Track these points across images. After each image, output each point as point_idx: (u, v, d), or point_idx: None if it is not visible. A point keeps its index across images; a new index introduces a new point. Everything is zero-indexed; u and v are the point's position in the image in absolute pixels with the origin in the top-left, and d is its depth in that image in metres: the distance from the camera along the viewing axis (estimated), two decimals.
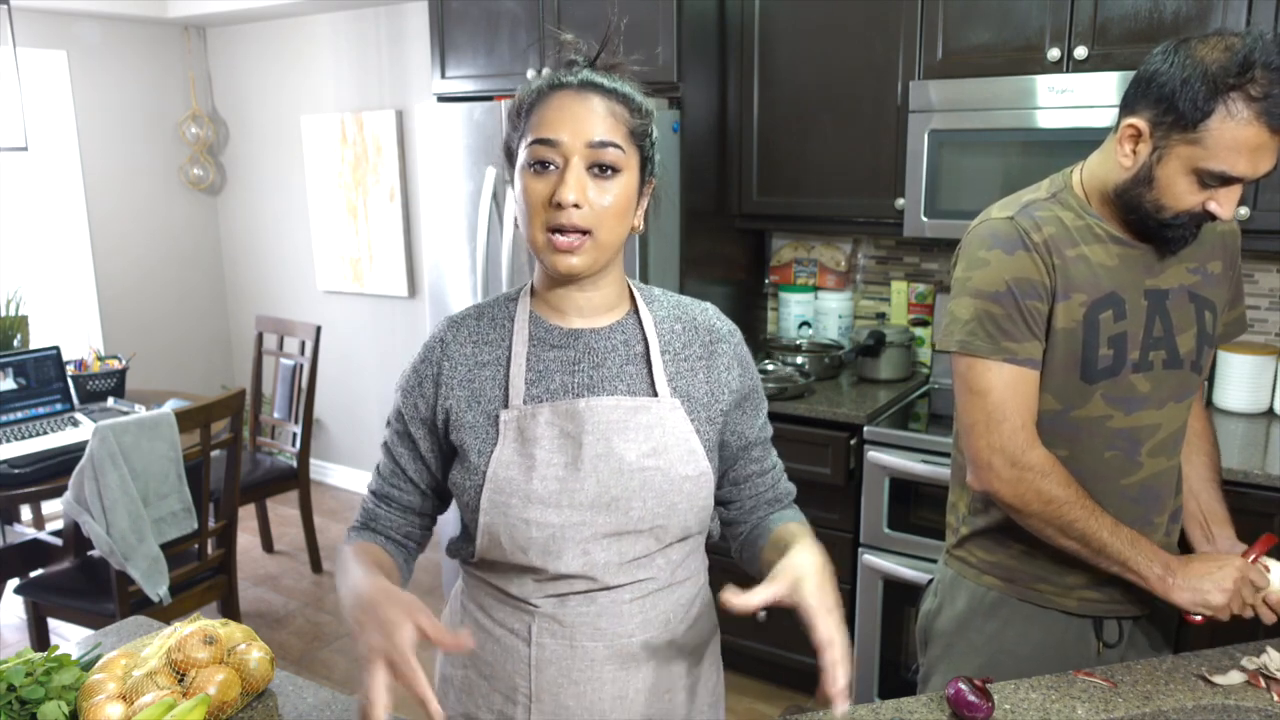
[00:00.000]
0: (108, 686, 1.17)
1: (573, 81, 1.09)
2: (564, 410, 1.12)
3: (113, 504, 2.52)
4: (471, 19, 3.25)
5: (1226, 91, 1.20)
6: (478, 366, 1.16)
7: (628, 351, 1.16)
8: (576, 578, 1.14)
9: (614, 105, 1.08)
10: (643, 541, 1.15)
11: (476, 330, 1.18)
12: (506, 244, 3.07)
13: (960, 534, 1.55)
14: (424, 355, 1.19)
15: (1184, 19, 2.32)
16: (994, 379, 1.37)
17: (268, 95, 4.74)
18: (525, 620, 1.18)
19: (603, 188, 1.06)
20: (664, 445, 1.13)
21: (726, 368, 1.21)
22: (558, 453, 1.12)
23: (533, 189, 1.06)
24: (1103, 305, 1.37)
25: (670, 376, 1.17)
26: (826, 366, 3.03)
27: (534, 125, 1.07)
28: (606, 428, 1.12)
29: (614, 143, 1.06)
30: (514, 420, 1.13)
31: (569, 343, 1.16)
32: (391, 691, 0.96)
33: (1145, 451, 1.42)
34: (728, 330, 1.24)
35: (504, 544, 1.14)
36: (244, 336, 5.11)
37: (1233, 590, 1.32)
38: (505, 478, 1.12)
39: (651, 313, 1.20)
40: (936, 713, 1.22)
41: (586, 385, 1.14)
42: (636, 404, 1.13)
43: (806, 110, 2.91)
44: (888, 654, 2.68)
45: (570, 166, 1.05)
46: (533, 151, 1.06)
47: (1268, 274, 2.64)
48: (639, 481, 1.12)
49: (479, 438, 1.14)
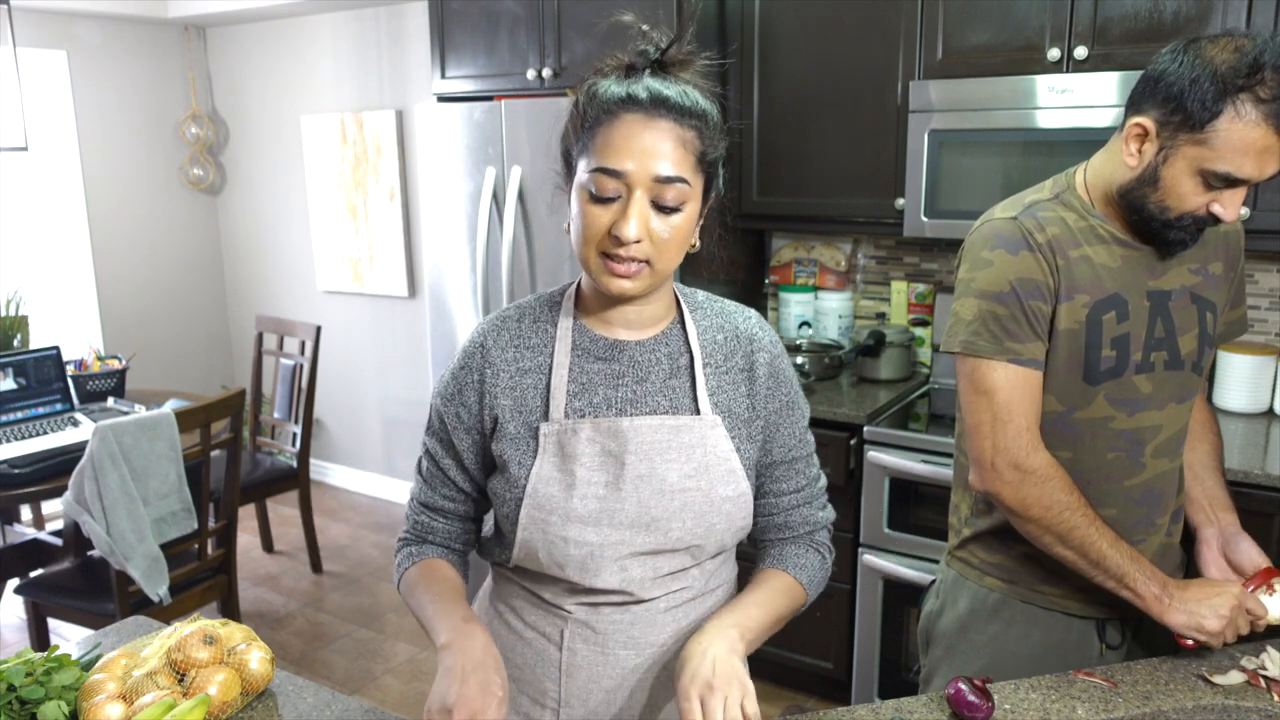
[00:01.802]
0: (108, 686, 1.17)
1: (643, 99, 1.02)
2: (606, 428, 1.10)
3: (113, 504, 2.52)
4: (471, 19, 3.25)
5: (1235, 93, 1.20)
6: (520, 374, 1.14)
7: (672, 365, 1.15)
8: (612, 591, 1.14)
9: (684, 131, 1.02)
10: (679, 559, 1.15)
11: (518, 333, 1.15)
12: (506, 244, 3.07)
13: (962, 535, 1.55)
14: (464, 362, 1.16)
15: (1184, 19, 2.32)
16: (999, 379, 1.37)
17: (268, 95, 4.74)
18: (558, 625, 1.17)
19: (665, 221, 1.03)
20: (705, 466, 1.12)
21: (764, 379, 1.18)
22: (599, 470, 1.10)
23: (592, 215, 1.02)
24: (1105, 306, 1.36)
25: (712, 391, 1.15)
26: (826, 366, 3.03)
27: (599, 149, 1.02)
28: (650, 448, 1.10)
29: (681, 178, 1.02)
30: (554, 435, 1.11)
31: (613, 355, 1.14)
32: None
33: (1148, 452, 1.42)
34: (769, 341, 1.21)
35: (540, 558, 1.13)
36: (244, 336, 5.11)
37: (1228, 618, 1.30)
38: (545, 494, 1.10)
39: (695, 323, 1.17)
40: (936, 713, 1.22)
41: (629, 400, 1.12)
42: (679, 423, 1.12)
43: (806, 110, 2.91)
44: (888, 654, 2.68)
45: (634, 199, 1.01)
46: (595, 180, 1.02)
47: (1268, 274, 2.64)
48: (679, 503, 1.11)
49: (519, 449, 1.12)
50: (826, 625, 2.79)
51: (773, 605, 1.15)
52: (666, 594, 1.16)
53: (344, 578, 3.89)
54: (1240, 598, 1.32)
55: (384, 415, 4.69)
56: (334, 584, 3.84)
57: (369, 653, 3.29)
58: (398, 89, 4.27)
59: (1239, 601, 1.31)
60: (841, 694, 2.86)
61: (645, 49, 1.07)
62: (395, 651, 3.29)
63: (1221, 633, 1.31)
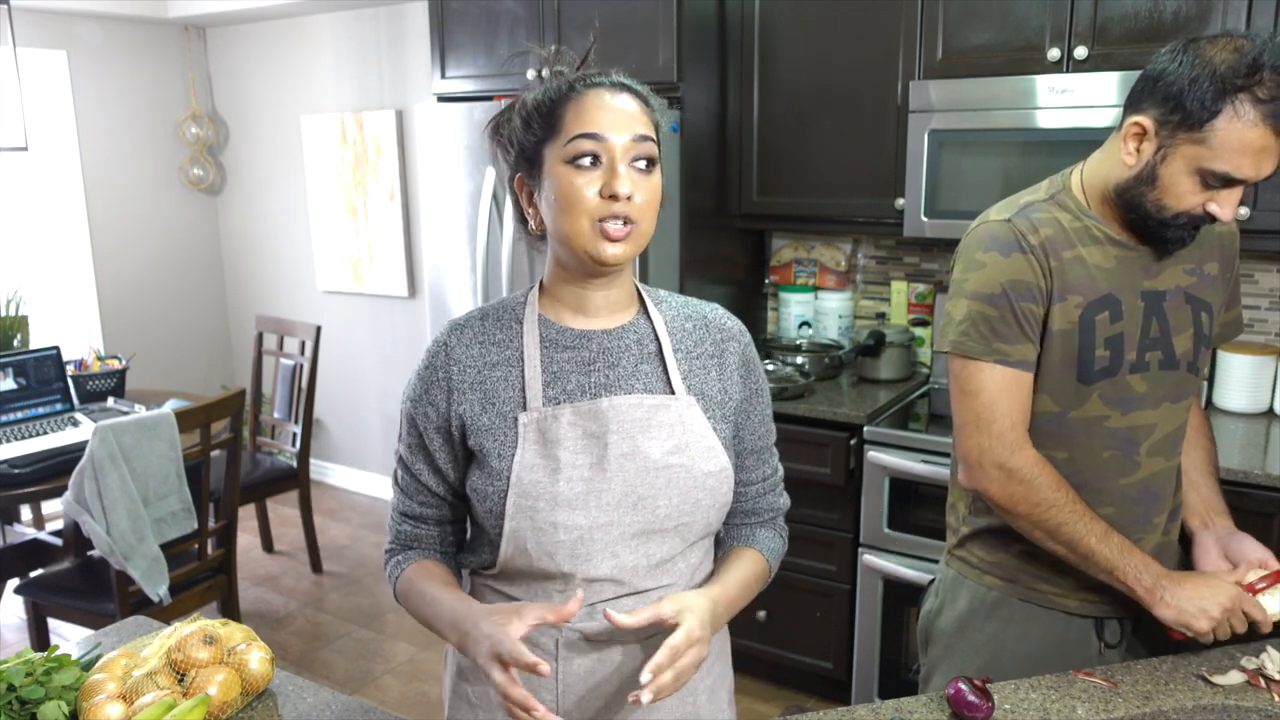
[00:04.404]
0: (108, 686, 1.17)
1: (605, 81, 1.10)
2: (586, 410, 1.11)
3: (113, 504, 2.52)
4: (471, 19, 3.25)
5: (1234, 92, 1.20)
6: (487, 367, 1.15)
7: (641, 351, 1.16)
8: (605, 582, 1.13)
9: (640, 101, 1.11)
10: (669, 542, 1.15)
11: (482, 331, 1.17)
12: (506, 244, 3.07)
13: (961, 534, 1.55)
14: (428, 362, 1.17)
15: (1184, 19, 2.32)
16: (986, 380, 1.38)
17: (268, 95, 4.74)
18: (551, 635, 1.16)
19: (644, 181, 1.08)
20: (685, 442, 1.14)
21: (735, 367, 1.22)
22: (582, 453, 1.11)
23: (579, 185, 1.06)
24: (1099, 306, 1.37)
25: (685, 374, 1.17)
26: (826, 366, 3.03)
27: (571, 122, 1.07)
28: (631, 426, 1.12)
29: (651, 137, 1.09)
30: (534, 422, 1.11)
31: (582, 344, 1.15)
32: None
33: (1143, 451, 1.42)
34: (738, 330, 1.25)
35: (530, 550, 1.12)
36: (244, 336, 5.11)
37: (1217, 620, 1.31)
38: (531, 481, 1.10)
39: (661, 313, 1.20)
40: (936, 713, 1.22)
41: (603, 385, 1.14)
42: (657, 401, 1.14)
43: (806, 110, 2.91)
44: (888, 654, 2.68)
45: (617, 159, 1.06)
46: (576, 146, 1.06)
47: (1268, 274, 2.64)
48: (664, 479, 1.12)
49: (498, 441, 1.12)
50: (826, 625, 2.79)
51: (747, 585, 1.21)
52: (658, 587, 1.16)
53: (344, 578, 3.89)
54: (1235, 600, 1.32)
55: (384, 415, 4.69)
56: (334, 584, 3.84)
57: (369, 653, 3.29)
58: (398, 89, 4.27)
59: (1233, 604, 1.32)
60: (841, 694, 2.86)
61: (560, 69, 1.16)
62: (395, 651, 3.30)
63: (1209, 633, 1.32)
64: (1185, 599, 1.32)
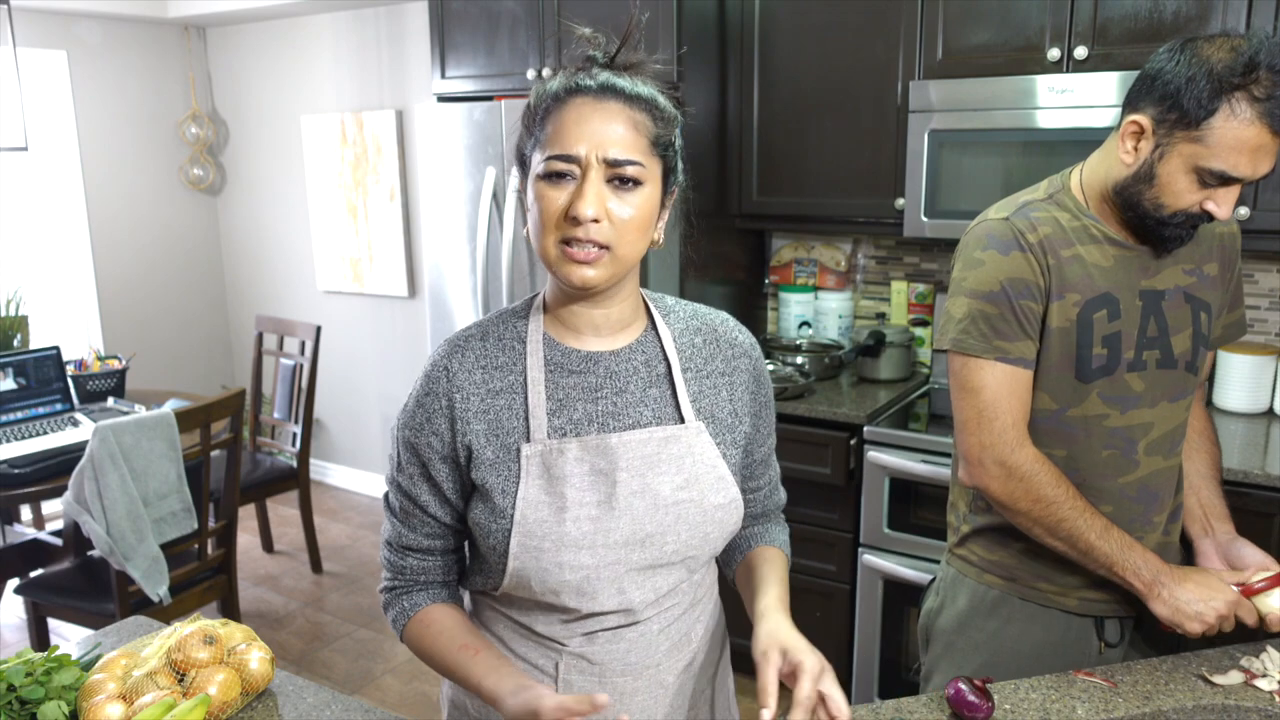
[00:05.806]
0: (108, 686, 1.17)
1: (591, 85, 1.01)
2: (594, 446, 1.06)
3: (113, 504, 2.52)
4: (471, 19, 3.25)
5: (1231, 91, 1.21)
6: (491, 395, 1.07)
7: (649, 373, 1.11)
8: (609, 614, 1.10)
9: (635, 113, 1.00)
10: (675, 573, 1.13)
11: (483, 353, 1.09)
12: (506, 244, 3.07)
13: (961, 533, 1.55)
14: (427, 388, 1.09)
15: (1184, 19, 2.32)
16: (986, 377, 1.39)
17: (268, 95, 4.74)
18: (552, 658, 1.13)
19: (623, 200, 0.99)
20: (695, 476, 1.09)
21: (745, 385, 1.17)
22: (589, 490, 1.06)
23: (548, 198, 0.99)
24: (1096, 305, 1.38)
25: (694, 397, 1.12)
26: (826, 366, 3.03)
27: (550, 136, 1.00)
28: (641, 463, 1.07)
29: (634, 160, 0.99)
30: (538, 455, 1.05)
31: (588, 368, 1.09)
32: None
33: (1141, 450, 1.43)
34: (749, 344, 1.20)
35: (535, 586, 1.07)
36: (244, 336, 5.11)
37: (1212, 624, 1.32)
38: (536, 519, 1.05)
39: (669, 326, 1.14)
40: (936, 713, 1.22)
41: (610, 413, 1.08)
42: (667, 434, 1.09)
43: (806, 110, 2.91)
44: (888, 654, 2.68)
45: (588, 178, 0.98)
46: (549, 165, 0.99)
47: (1268, 274, 2.64)
48: (673, 516, 1.08)
49: (501, 475, 1.06)
50: (827, 625, 2.79)
51: (786, 582, 1.19)
52: (660, 612, 1.14)
53: (344, 578, 3.89)
54: (1231, 607, 1.33)
55: (384, 415, 4.69)
56: (334, 584, 3.84)
57: (369, 653, 3.29)
58: (398, 89, 4.27)
59: (1228, 610, 1.33)
60: None
61: (593, 54, 1.05)
62: (395, 651, 3.29)
63: (1201, 635, 1.34)
64: (1183, 600, 1.33)
